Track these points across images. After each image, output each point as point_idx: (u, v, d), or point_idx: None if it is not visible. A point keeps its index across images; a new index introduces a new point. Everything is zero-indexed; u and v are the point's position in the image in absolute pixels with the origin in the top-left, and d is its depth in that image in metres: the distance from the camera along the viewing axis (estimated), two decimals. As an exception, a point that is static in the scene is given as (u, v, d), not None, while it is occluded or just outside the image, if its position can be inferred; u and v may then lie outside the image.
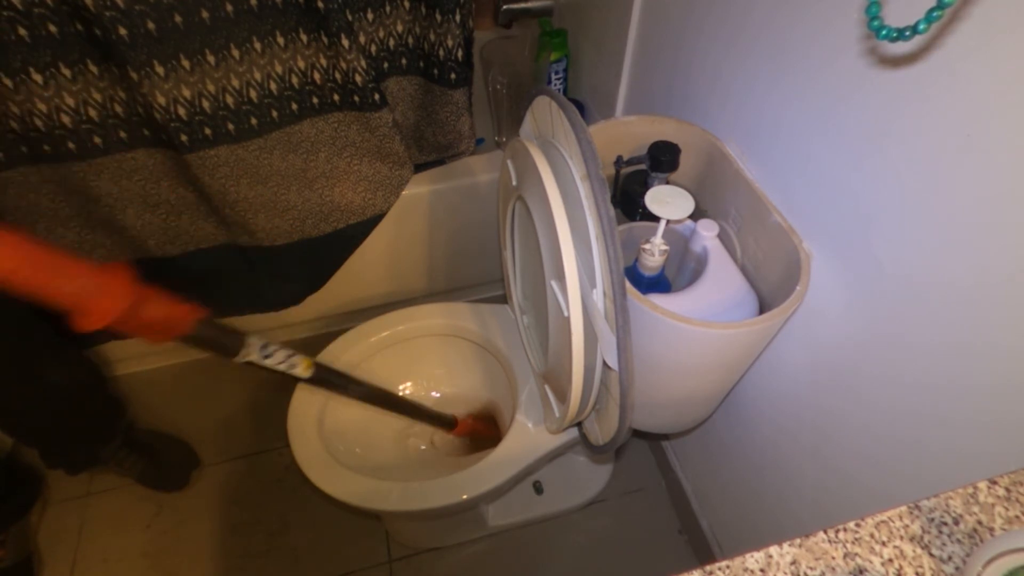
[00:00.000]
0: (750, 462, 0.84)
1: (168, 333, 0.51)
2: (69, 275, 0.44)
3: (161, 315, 0.50)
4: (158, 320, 0.49)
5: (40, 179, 0.90)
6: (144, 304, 0.48)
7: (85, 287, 0.45)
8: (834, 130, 0.54)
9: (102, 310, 0.45)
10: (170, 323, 0.51)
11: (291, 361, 0.63)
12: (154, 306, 0.49)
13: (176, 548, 1.11)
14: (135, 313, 0.47)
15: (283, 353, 0.62)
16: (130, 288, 0.47)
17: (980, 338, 0.46)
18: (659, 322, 0.57)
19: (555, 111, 0.60)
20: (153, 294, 0.49)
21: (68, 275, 0.44)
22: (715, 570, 0.34)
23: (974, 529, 0.36)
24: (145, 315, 0.48)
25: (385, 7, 0.91)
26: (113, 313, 0.46)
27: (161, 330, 0.51)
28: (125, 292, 0.47)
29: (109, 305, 0.46)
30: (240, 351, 0.59)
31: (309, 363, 0.66)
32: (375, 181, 1.07)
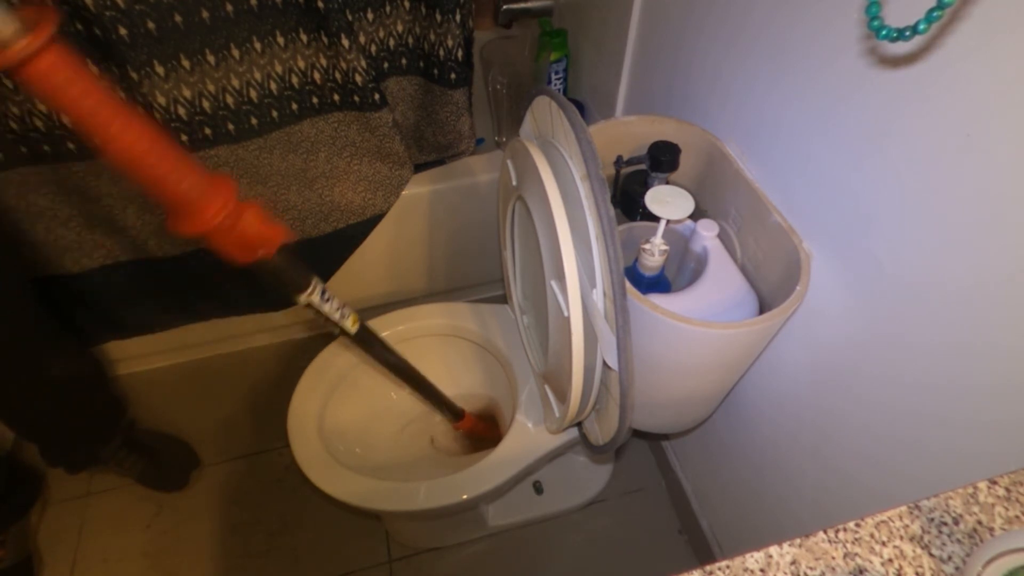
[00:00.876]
0: (750, 462, 0.84)
1: (255, 252, 0.51)
2: (189, 171, 0.43)
3: (256, 230, 0.49)
4: (251, 234, 0.48)
5: (40, 179, 0.90)
6: (244, 216, 0.47)
7: (199, 187, 0.44)
8: (834, 130, 0.54)
9: (211, 212, 0.45)
10: (260, 240, 0.50)
11: (343, 311, 0.63)
12: (252, 220, 0.48)
13: (176, 548, 1.11)
14: (235, 223, 0.47)
15: (338, 302, 0.63)
16: (235, 197, 0.47)
17: (980, 338, 0.46)
18: (659, 322, 0.57)
19: (555, 111, 0.60)
20: (254, 207, 0.48)
21: (188, 171, 0.43)
22: (715, 570, 0.34)
23: (974, 529, 0.36)
24: (242, 227, 0.47)
25: (385, 7, 0.91)
26: (219, 217, 0.45)
27: (249, 246, 0.50)
28: (231, 199, 0.46)
29: (217, 208, 0.45)
30: (306, 289, 0.58)
31: (356, 319, 0.66)
32: (375, 181, 1.07)
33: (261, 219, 0.49)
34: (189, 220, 0.45)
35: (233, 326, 1.27)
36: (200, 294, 1.17)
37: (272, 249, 0.52)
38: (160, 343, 1.25)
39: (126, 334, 1.21)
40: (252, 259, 0.51)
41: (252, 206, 0.48)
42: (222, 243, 0.48)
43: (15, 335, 0.87)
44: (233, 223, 0.47)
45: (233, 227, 0.47)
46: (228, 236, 0.47)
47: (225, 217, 0.46)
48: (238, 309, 1.23)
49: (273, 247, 0.51)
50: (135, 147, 0.40)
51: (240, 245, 0.49)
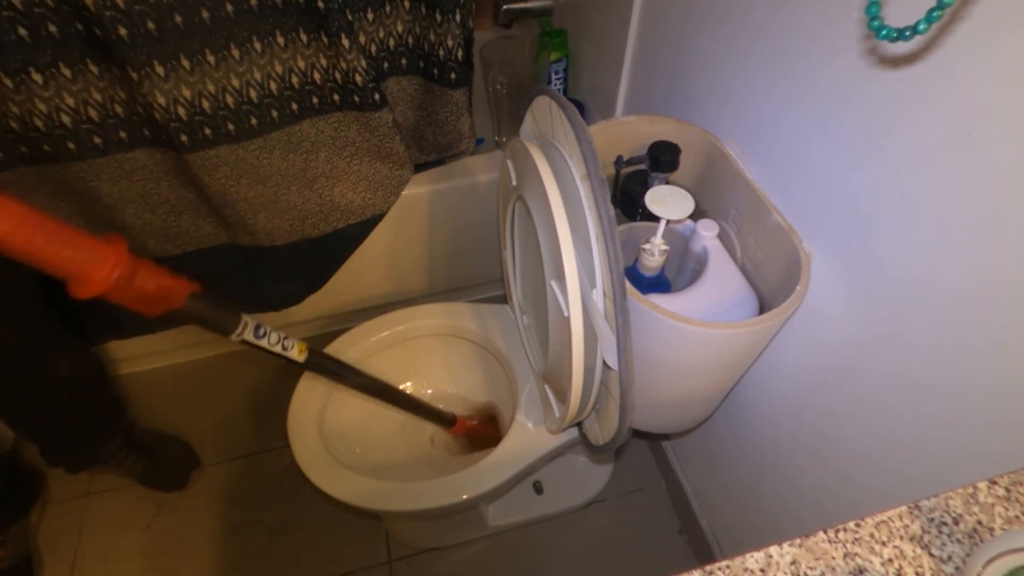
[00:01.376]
0: (750, 462, 0.84)
1: (161, 305, 0.51)
2: (66, 241, 0.44)
3: (155, 286, 0.49)
4: (152, 291, 0.49)
5: (40, 179, 0.90)
6: (138, 274, 0.48)
7: (82, 253, 0.44)
8: (834, 130, 0.54)
9: (98, 277, 0.45)
10: (164, 295, 0.51)
11: (285, 344, 0.64)
12: (148, 276, 0.49)
13: (176, 548, 1.11)
14: (130, 283, 0.47)
15: (277, 335, 0.63)
16: (126, 257, 0.47)
17: (980, 338, 0.46)
18: (659, 322, 0.57)
19: (555, 111, 0.60)
20: (148, 264, 0.49)
21: (65, 241, 0.44)
22: (715, 570, 0.34)
23: (974, 529, 0.36)
24: (140, 285, 0.48)
25: (385, 7, 0.91)
26: (108, 281, 0.46)
27: (155, 302, 0.50)
28: (121, 261, 0.46)
29: (105, 273, 0.46)
30: (235, 329, 0.58)
31: (303, 347, 0.66)
32: (375, 181, 1.07)
33: (157, 274, 0.50)
34: (82, 286, 0.45)
35: (233, 326, 1.27)
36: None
37: (178, 300, 0.52)
38: (160, 343, 1.25)
39: (126, 334, 1.21)
40: (161, 311, 0.52)
41: (145, 263, 0.49)
42: (124, 301, 0.48)
43: (21, 334, 0.88)
44: (127, 282, 0.47)
45: (128, 286, 0.47)
46: (127, 294, 0.48)
47: (116, 279, 0.46)
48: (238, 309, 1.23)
49: (179, 298, 0.52)
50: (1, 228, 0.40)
51: (143, 301, 0.50)
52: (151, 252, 1.06)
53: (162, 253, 1.07)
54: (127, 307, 0.50)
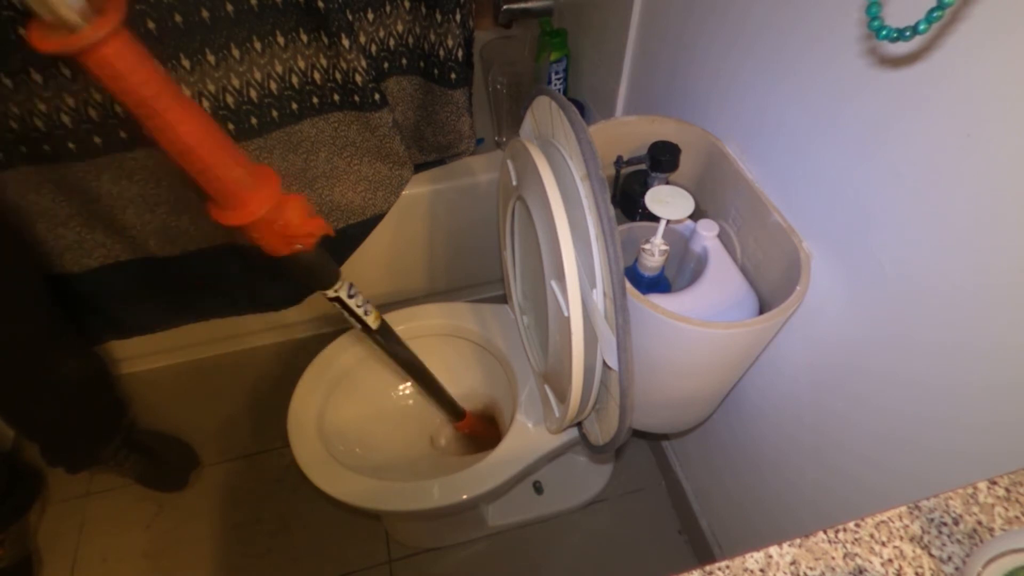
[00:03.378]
0: (750, 462, 0.84)
1: (294, 243, 0.51)
2: (237, 161, 0.44)
3: (297, 223, 0.49)
4: (292, 227, 0.49)
5: (40, 179, 0.90)
6: (286, 207, 0.48)
7: (246, 176, 0.45)
8: (834, 130, 0.54)
9: (256, 203, 0.45)
10: (300, 233, 0.50)
11: (367, 307, 0.65)
12: (295, 212, 0.48)
13: (176, 548, 1.11)
14: (277, 215, 0.47)
15: (362, 298, 0.64)
16: (279, 189, 0.47)
17: (980, 338, 0.46)
18: (659, 322, 0.57)
19: (555, 111, 0.60)
20: (298, 200, 0.49)
21: (237, 161, 0.44)
22: (715, 570, 0.34)
23: (974, 529, 0.36)
24: (285, 219, 0.48)
25: (385, 7, 0.91)
26: (263, 209, 0.46)
27: (289, 239, 0.50)
28: (276, 190, 0.46)
29: (262, 199, 0.45)
30: (334, 284, 0.59)
31: (378, 315, 0.68)
32: (375, 181, 1.07)
33: (303, 212, 0.49)
34: (234, 211, 0.45)
35: (233, 326, 1.27)
36: (200, 294, 1.17)
37: (311, 243, 0.52)
38: (160, 343, 1.25)
39: (126, 334, 1.21)
40: (289, 251, 0.51)
41: (296, 199, 0.49)
42: (263, 234, 0.48)
43: (30, 334, 0.88)
44: (275, 216, 0.47)
45: (275, 220, 0.47)
46: (270, 228, 0.48)
47: (269, 209, 0.46)
48: (238, 309, 1.23)
49: (312, 241, 0.52)
50: (190, 136, 0.40)
51: (280, 237, 0.49)
52: (152, 252, 1.06)
53: (162, 253, 1.07)
54: (262, 242, 0.49)
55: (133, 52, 0.36)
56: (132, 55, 0.36)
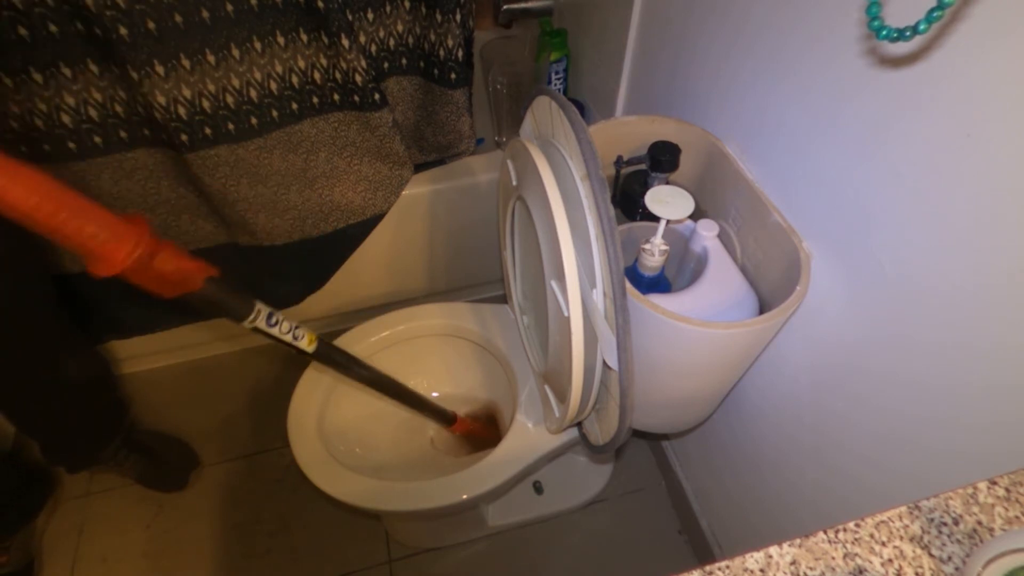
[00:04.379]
0: (750, 462, 0.84)
1: (179, 287, 0.51)
2: (89, 217, 0.43)
3: (174, 267, 0.49)
4: (171, 272, 0.49)
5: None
6: (159, 255, 0.48)
7: (104, 231, 0.44)
8: (834, 130, 0.54)
9: (118, 256, 0.45)
10: (182, 276, 0.51)
11: (296, 332, 0.64)
12: (168, 258, 0.49)
13: (176, 548, 1.11)
14: (149, 263, 0.47)
15: (288, 324, 0.63)
16: (147, 237, 0.47)
17: (980, 338, 0.46)
18: (659, 322, 0.57)
19: (555, 111, 0.60)
20: (169, 246, 0.49)
21: (88, 217, 0.43)
22: (715, 570, 0.34)
23: (974, 529, 0.36)
24: (159, 266, 0.48)
25: (385, 7, 0.91)
26: (129, 259, 0.46)
27: (173, 284, 0.50)
28: (142, 240, 0.46)
29: (126, 252, 0.46)
30: (248, 316, 0.59)
31: (313, 337, 0.66)
32: (375, 181, 1.07)
33: (177, 256, 0.50)
34: (101, 263, 0.45)
35: (233, 326, 1.26)
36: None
37: (196, 284, 0.52)
38: (160, 343, 1.25)
39: (126, 334, 1.21)
40: (177, 293, 0.52)
41: (166, 244, 0.49)
42: (141, 281, 0.49)
43: (32, 333, 0.88)
44: (147, 262, 0.47)
45: (148, 266, 0.47)
46: (145, 275, 0.48)
47: (137, 258, 0.46)
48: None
49: (196, 281, 0.52)
50: (22, 203, 0.40)
51: (160, 282, 0.50)
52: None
53: (162, 253, 1.06)
54: (143, 288, 0.49)
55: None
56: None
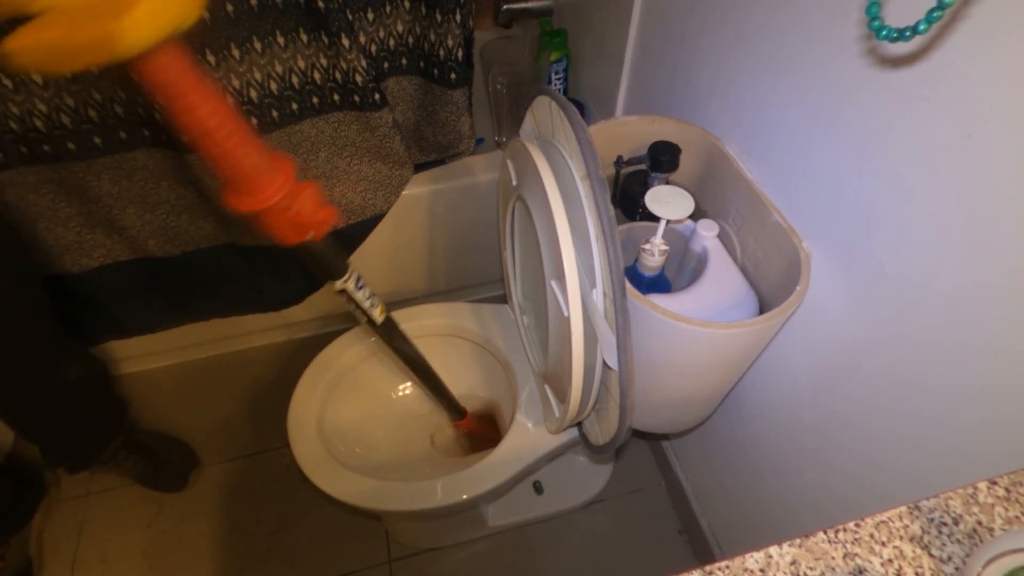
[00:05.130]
0: (750, 462, 0.84)
1: (305, 232, 0.51)
2: (255, 146, 0.44)
3: (310, 211, 0.49)
4: (305, 215, 0.49)
5: (39, 179, 0.90)
6: (300, 196, 0.48)
7: (262, 164, 0.45)
8: (834, 130, 0.54)
9: (271, 189, 0.46)
10: (313, 222, 0.51)
11: (373, 301, 0.65)
12: (308, 200, 0.49)
13: (176, 548, 1.11)
14: (291, 203, 0.47)
15: (369, 291, 0.64)
16: (293, 177, 0.47)
17: (980, 338, 0.46)
18: (659, 322, 0.57)
19: (555, 111, 0.60)
20: (311, 188, 0.49)
21: (254, 147, 0.44)
22: (715, 570, 0.34)
23: (974, 529, 0.36)
24: (298, 207, 0.48)
25: (385, 7, 0.91)
26: (278, 195, 0.46)
27: (302, 227, 0.50)
28: (291, 177, 0.47)
29: (277, 187, 0.46)
30: (343, 275, 0.59)
31: (384, 310, 0.67)
32: (375, 181, 1.07)
33: (316, 201, 0.49)
34: (249, 197, 0.45)
35: (233, 326, 1.27)
36: (200, 294, 1.17)
37: (322, 232, 0.52)
38: (160, 343, 1.25)
39: (126, 334, 1.21)
40: (301, 240, 0.51)
41: (310, 187, 0.49)
42: (276, 222, 0.48)
43: (30, 334, 0.88)
44: (290, 203, 0.47)
45: (289, 207, 0.47)
46: (283, 216, 0.48)
47: (283, 197, 0.46)
48: (237, 309, 1.23)
49: (323, 230, 0.52)
50: (209, 120, 0.40)
51: (293, 225, 0.49)
52: (152, 252, 1.06)
53: (162, 253, 1.07)
54: (272, 229, 0.49)
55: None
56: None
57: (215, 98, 0.41)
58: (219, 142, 0.42)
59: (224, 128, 0.41)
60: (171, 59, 0.37)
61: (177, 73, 0.38)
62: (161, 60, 0.37)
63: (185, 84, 0.38)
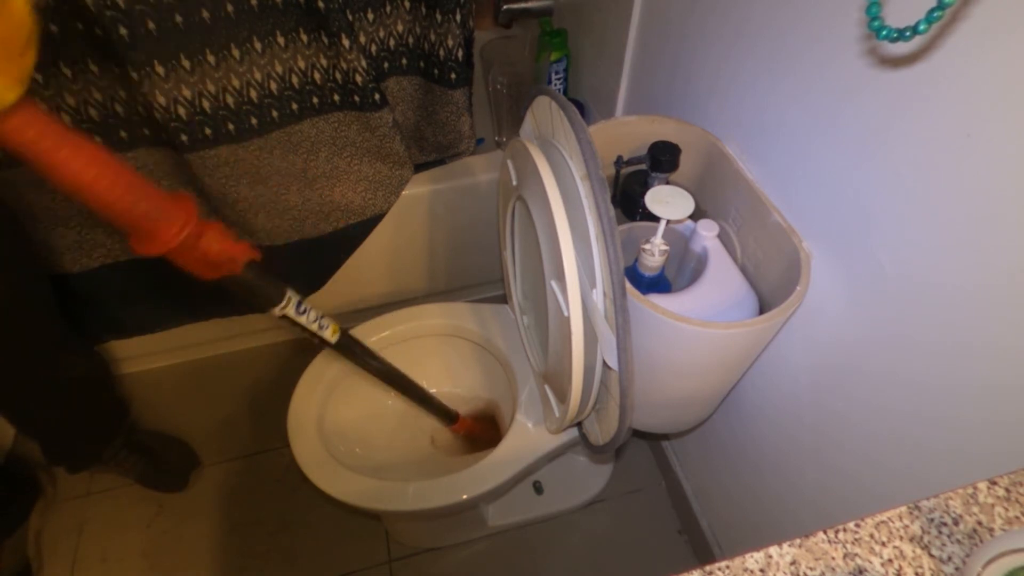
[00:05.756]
0: (750, 462, 0.84)
1: (220, 269, 0.51)
2: (143, 194, 0.43)
3: (218, 248, 0.49)
4: (214, 253, 0.49)
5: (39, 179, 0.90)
6: (204, 235, 0.48)
7: (155, 209, 0.44)
8: (834, 130, 0.54)
9: (168, 235, 0.45)
10: (225, 258, 0.51)
11: (321, 322, 0.64)
12: (214, 239, 0.49)
13: (176, 548, 1.11)
14: (196, 243, 0.47)
15: (315, 314, 0.63)
16: (194, 216, 0.47)
17: (980, 338, 0.46)
18: (659, 322, 0.57)
19: (555, 111, 0.60)
20: (216, 227, 0.49)
21: (142, 194, 0.43)
22: (715, 570, 0.34)
23: (974, 529, 0.36)
24: (204, 247, 0.48)
25: (385, 7, 0.91)
26: (178, 238, 0.46)
27: (214, 265, 0.50)
28: (190, 220, 0.46)
29: (175, 229, 0.45)
30: (279, 303, 0.59)
31: (336, 328, 0.67)
32: (375, 181, 1.07)
33: (222, 237, 0.49)
34: (148, 241, 0.45)
35: (233, 326, 1.27)
36: (200, 294, 1.17)
37: (237, 266, 0.52)
38: (160, 343, 1.25)
39: (126, 334, 1.21)
40: (218, 275, 0.52)
41: (213, 226, 0.49)
42: (185, 262, 0.49)
43: (32, 333, 0.88)
44: (194, 243, 0.47)
45: (194, 246, 0.47)
46: (190, 255, 0.48)
47: (185, 237, 0.46)
48: (238, 309, 1.23)
49: (238, 264, 0.52)
50: (84, 174, 0.40)
51: (203, 263, 0.49)
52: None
53: (162, 253, 1.06)
54: (185, 269, 0.49)
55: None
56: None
57: (89, 150, 0.40)
58: (101, 193, 0.41)
59: (104, 178, 0.41)
60: (25, 120, 0.36)
61: (37, 133, 0.37)
62: (13, 123, 0.36)
63: (49, 141, 0.37)
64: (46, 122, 0.38)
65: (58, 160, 0.39)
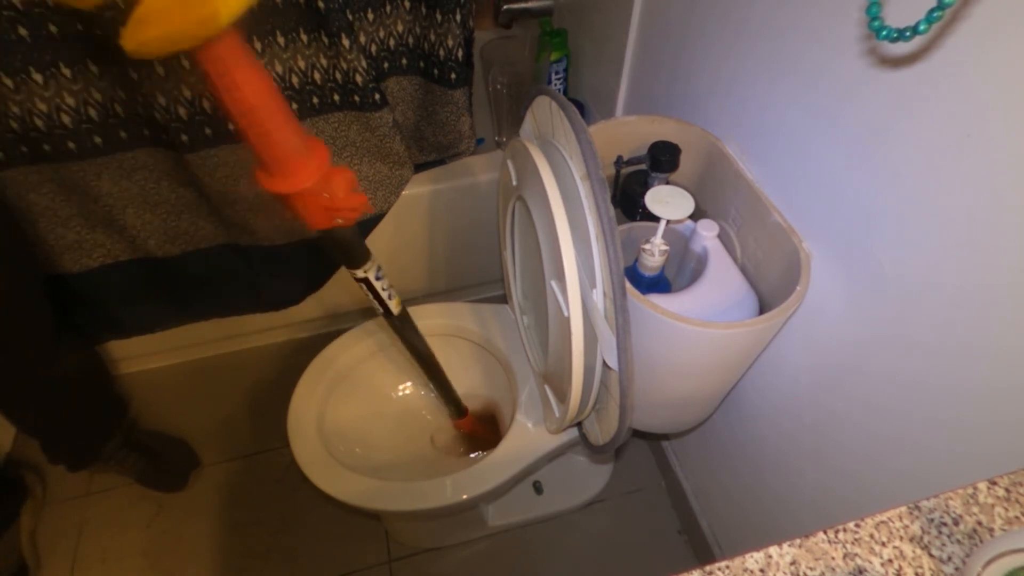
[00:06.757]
0: (750, 462, 0.84)
1: (335, 217, 0.51)
2: (295, 129, 0.44)
3: (342, 196, 0.49)
4: (340, 199, 0.49)
5: (40, 179, 0.90)
6: (334, 179, 0.48)
7: (302, 144, 0.45)
8: (834, 130, 0.54)
9: (306, 172, 0.46)
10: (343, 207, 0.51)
11: (391, 292, 0.66)
12: (342, 185, 0.49)
13: (176, 548, 1.11)
14: (325, 186, 0.48)
15: (388, 282, 0.64)
16: (328, 160, 0.47)
17: (980, 338, 0.46)
18: (659, 322, 0.57)
19: (555, 111, 0.60)
20: (346, 174, 0.49)
21: (295, 128, 0.44)
22: (715, 570, 0.34)
23: (974, 529, 0.36)
24: (332, 190, 0.48)
25: (385, 7, 0.91)
26: (313, 177, 0.46)
27: (332, 212, 0.50)
28: (326, 161, 0.47)
29: (313, 169, 0.46)
30: (365, 264, 0.60)
31: (400, 301, 0.68)
32: (375, 181, 1.07)
33: (349, 187, 0.50)
34: (283, 179, 0.46)
35: (233, 326, 1.27)
36: (200, 294, 1.17)
37: (352, 218, 0.52)
38: (160, 343, 1.25)
39: (126, 334, 1.21)
40: (330, 225, 0.52)
41: (343, 172, 0.49)
42: (308, 205, 0.49)
43: (31, 331, 0.88)
44: (322, 187, 0.47)
45: (322, 191, 0.48)
46: (315, 200, 0.48)
47: (317, 181, 0.46)
48: (238, 309, 1.23)
49: (353, 216, 0.52)
50: (255, 97, 0.41)
51: (323, 210, 0.50)
52: (152, 252, 1.06)
53: (162, 253, 1.07)
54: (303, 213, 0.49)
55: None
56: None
57: (261, 77, 0.41)
58: (261, 121, 0.42)
59: (267, 108, 0.42)
60: (228, 35, 0.38)
61: (229, 49, 0.38)
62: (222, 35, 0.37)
63: (235, 60, 0.39)
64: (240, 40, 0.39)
65: (237, 80, 0.39)
